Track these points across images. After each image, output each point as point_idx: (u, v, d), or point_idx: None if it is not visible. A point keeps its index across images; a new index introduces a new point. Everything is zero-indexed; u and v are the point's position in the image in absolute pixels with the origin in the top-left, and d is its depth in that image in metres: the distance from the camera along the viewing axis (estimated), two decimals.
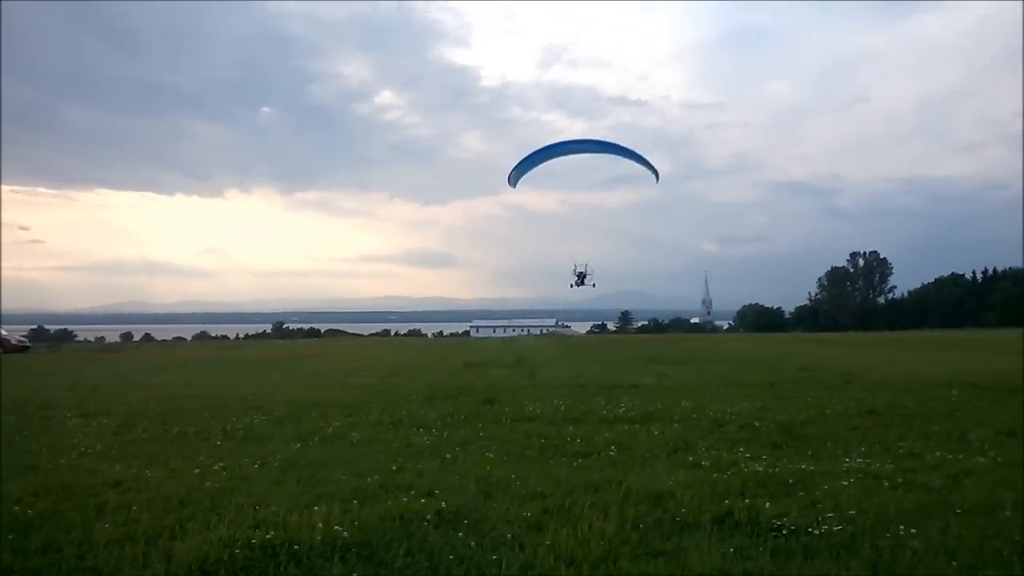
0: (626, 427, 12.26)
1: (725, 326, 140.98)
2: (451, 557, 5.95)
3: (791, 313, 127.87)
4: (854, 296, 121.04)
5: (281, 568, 5.84)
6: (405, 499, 7.55)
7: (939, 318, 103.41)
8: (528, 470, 9.04)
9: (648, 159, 18.91)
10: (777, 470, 8.81)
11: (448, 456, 10.04)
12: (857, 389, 17.21)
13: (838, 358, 29.85)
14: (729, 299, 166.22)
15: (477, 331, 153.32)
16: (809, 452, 10.04)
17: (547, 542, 6.22)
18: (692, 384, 19.19)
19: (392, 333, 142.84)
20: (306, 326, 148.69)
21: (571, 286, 39.13)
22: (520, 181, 18.97)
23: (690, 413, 13.55)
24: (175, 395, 18.25)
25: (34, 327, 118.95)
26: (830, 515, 6.86)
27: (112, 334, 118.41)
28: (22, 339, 55.03)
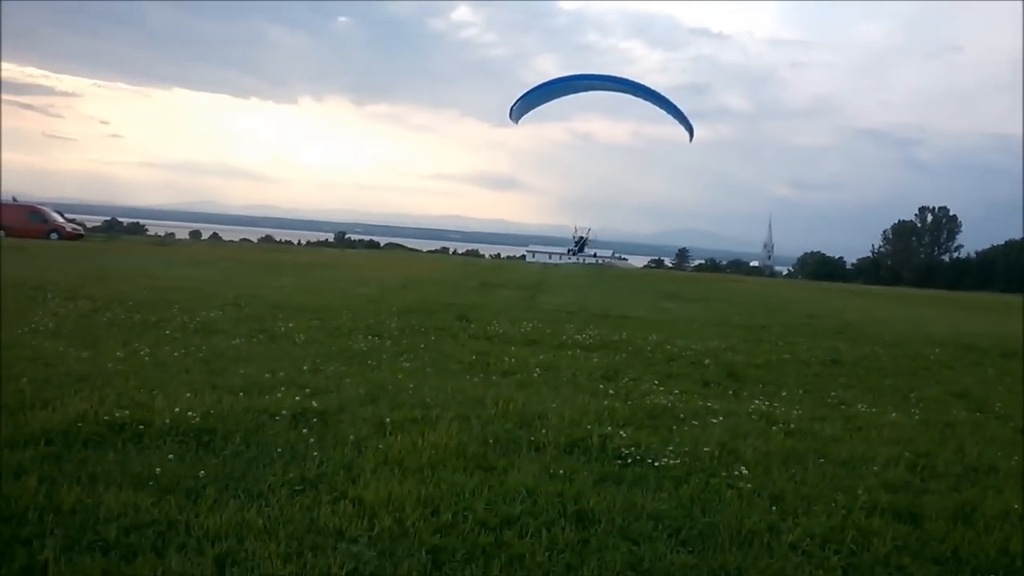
0: (571, 352, 12.26)
1: (784, 272, 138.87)
2: (278, 450, 6.10)
3: (853, 264, 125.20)
4: (918, 252, 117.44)
5: (117, 444, 6.07)
6: (284, 395, 7.73)
7: (1005, 282, 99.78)
8: (435, 382, 9.14)
9: (684, 113, 17.92)
10: (679, 404, 8.75)
11: (370, 362, 10.20)
12: (843, 340, 16.81)
13: (858, 310, 29.13)
14: (795, 245, 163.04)
15: (533, 256, 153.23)
16: (730, 392, 9.94)
17: (379, 446, 6.34)
18: (682, 320, 19.03)
19: (451, 251, 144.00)
20: (367, 238, 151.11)
21: (568, 252, 39.22)
22: (524, 117, 18.12)
23: (649, 346, 13.44)
24: (171, 288, 18.78)
25: (108, 219, 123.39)
26: (685, 449, 6.83)
27: (183, 231, 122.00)
28: (76, 228, 56.95)
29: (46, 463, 5.59)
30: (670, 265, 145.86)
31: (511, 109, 17.91)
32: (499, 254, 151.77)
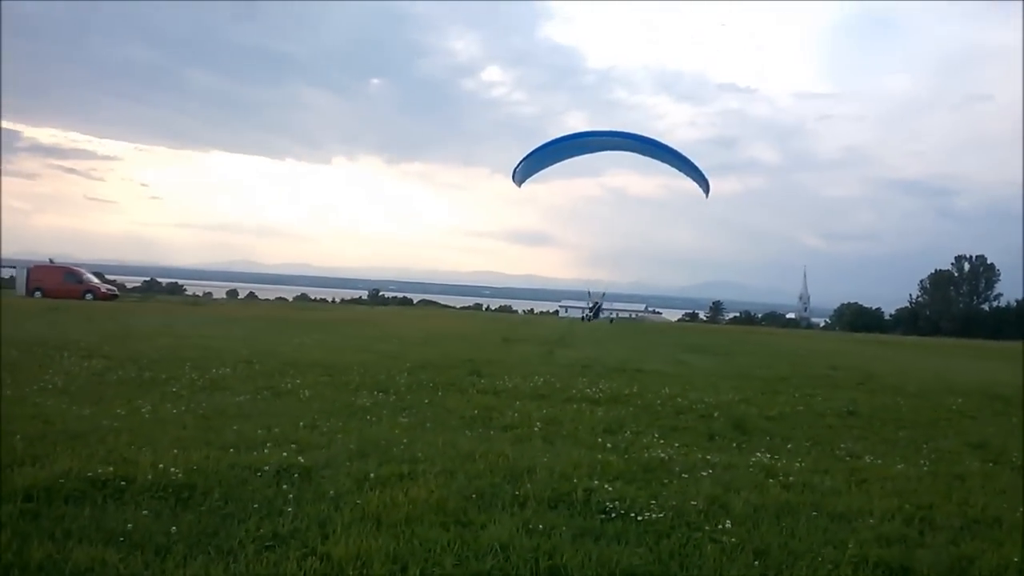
0: (577, 406, 12.11)
1: (821, 324, 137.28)
2: (255, 506, 6.07)
3: (891, 315, 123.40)
4: (957, 301, 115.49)
5: (97, 501, 6.09)
6: (271, 451, 7.72)
7: None
8: (430, 437, 9.07)
9: (700, 168, 17.07)
10: (677, 458, 8.58)
11: (369, 418, 10.17)
12: (863, 391, 16.48)
13: (886, 361, 28.57)
14: (830, 297, 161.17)
15: (566, 311, 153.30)
16: (735, 445, 9.75)
17: (357, 501, 6.28)
18: (699, 373, 18.78)
19: (483, 308, 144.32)
20: (401, 295, 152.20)
21: (583, 319, 38.07)
22: (537, 177, 17.52)
23: (659, 399, 13.26)
24: (190, 346, 19.00)
25: (147, 279, 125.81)
26: (672, 503, 6.69)
27: (220, 291, 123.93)
28: (111, 288, 58.21)
29: (23, 519, 5.62)
30: (704, 318, 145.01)
31: (514, 171, 17.15)
32: (532, 309, 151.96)
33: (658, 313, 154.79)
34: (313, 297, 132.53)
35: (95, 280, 56.66)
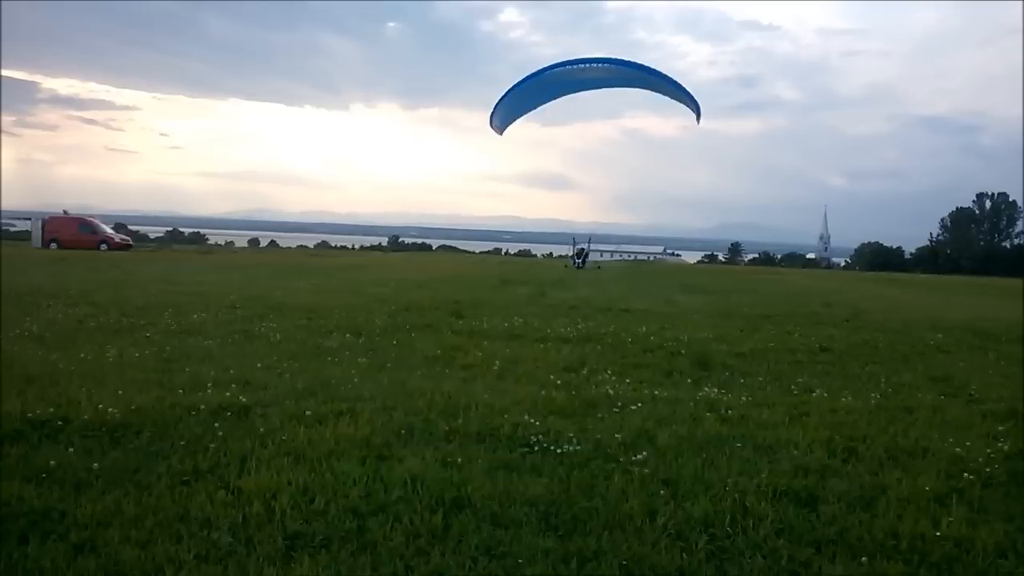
0: (545, 345, 12.23)
1: (842, 263, 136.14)
2: (182, 443, 6.25)
3: (911, 254, 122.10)
4: (978, 239, 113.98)
5: (32, 440, 6.28)
6: (215, 391, 7.89)
7: None
8: (383, 377, 9.22)
9: (689, 91, 15.89)
10: (625, 394, 8.68)
11: (330, 359, 10.33)
12: (845, 328, 16.47)
13: (883, 299, 28.42)
14: (852, 236, 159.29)
15: None
16: (689, 380, 9.83)
17: (283, 437, 6.44)
18: (686, 312, 18.80)
19: (503, 252, 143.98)
20: (421, 241, 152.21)
21: (572, 264, 36.74)
22: (514, 123, 16.26)
23: (631, 338, 13.33)
24: (180, 292, 19.25)
25: (170, 229, 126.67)
26: (597, 436, 6.80)
27: (242, 239, 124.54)
28: (125, 239, 58.85)
29: None
30: (723, 260, 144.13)
31: (491, 116, 16.00)
32: (551, 253, 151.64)
33: (677, 255, 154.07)
34: (333, 244, 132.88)
35: (109, 230, 57.22)
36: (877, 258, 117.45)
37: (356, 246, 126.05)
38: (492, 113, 16.11)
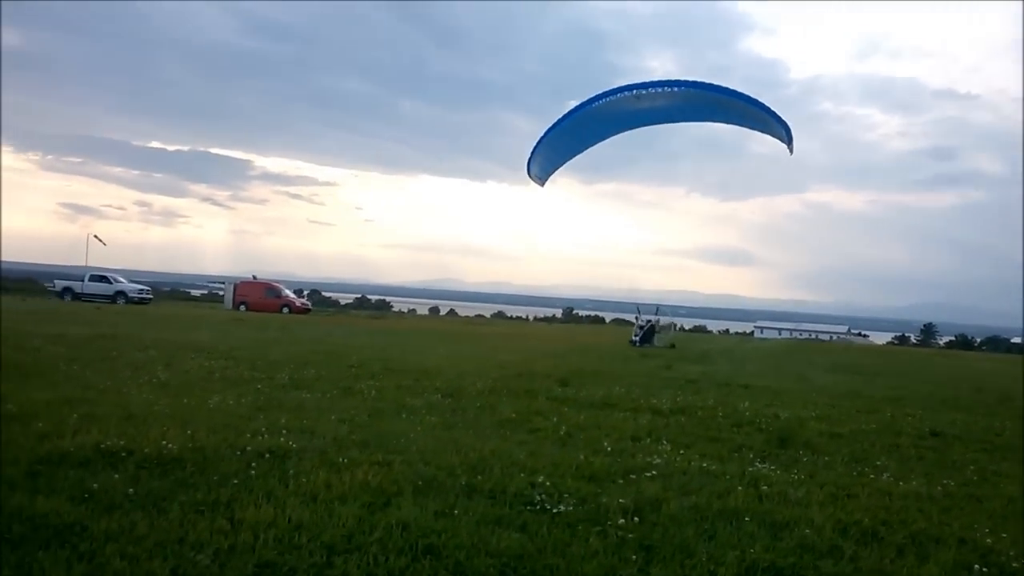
0: (625, 415, 12.20)
1: None
2: (215, 477, 6.90)
3: None
4: None
5: (97, 467, 7.15)
6: (271, 437, 8.57)
7: None
8: (442, 434, 9.63)
9: (777, 113, 12.80)
10: (670, 464, 8.63)
11: (406, 416, 10.86)
12: (976, 413, 15.25)
13: None
14: None
15: (761, 332, 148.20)
16: (751, 456, 9.55)
17: (304, 480, 6.96)
18: (805, 390, 18.00)
19: (677, 327, 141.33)
20: (594, 313, 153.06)
21: (633, 342, 33.74)
22: (557, 172, 13.72)
23: (725, 412, 13.04)
24: (318, 351, 20.64)
25: (358, 296, 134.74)
26: (603, 500, 6.87)
27: (423, 307, 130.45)
28: (305, 303, 63.30)
29: (29, 478, 6.73)
30: (915, 342, 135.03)
31: (528, 164, 13.78)
32: (727, 330, 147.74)
33: (864, 336, 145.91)
34: (509, 315, 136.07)
35: (291, 295, 61.88)
36: None
37: (530, 316, 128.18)
38: (530, 160, 13.70)
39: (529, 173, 14.00)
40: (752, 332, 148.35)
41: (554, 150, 13.56)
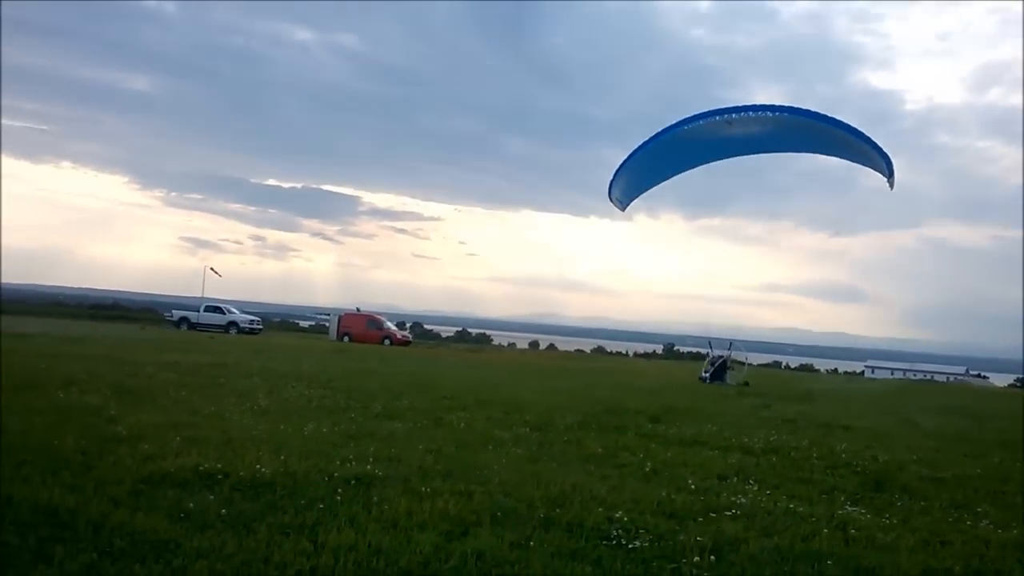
0: (715, 453, 12.00)
1: None
2: (303, 502, 7.19)
3: None
4: None
5: (195, 488, 7.56)
6: (358, 464, 8.84)
7: None
8: (527, 467, 9.72)
9: (879, 145, 12.16)
10: (756, 504, 8.47)
11: (492, 448, 11.00)
12: None
13: None
14: None
15: (872, 372, 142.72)
16: (843, 498, 9.27)
17: (386, 507, 7.17)
18: (908, 433, 17.20)
19: (783, 366, 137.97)
20: (696, 350, 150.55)
21: (703, 378, 32.24)
22: (639, 198, 13.29)
23: (820, 453, 12.66)
24: (414, 383, 21.10)
25: (459, 329, 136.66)
26: (680, 538, 6.81)
27: (523, 342, 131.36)
28: (405, 335, 64.64)
29: (131, 496, 7.18)
30: None
31: (610, 187, 13.48)
32: (836, 369, 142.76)
33: (984, 377, 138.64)
34: (609, 350, 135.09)
35: (392, 327, 63.45)
36: None
37: (631, 352, 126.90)
38: (612, 182, 13.42)
39: (610, 196, 13.70)
40: (863, 372, 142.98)
41: (638, 174, 13.15)
